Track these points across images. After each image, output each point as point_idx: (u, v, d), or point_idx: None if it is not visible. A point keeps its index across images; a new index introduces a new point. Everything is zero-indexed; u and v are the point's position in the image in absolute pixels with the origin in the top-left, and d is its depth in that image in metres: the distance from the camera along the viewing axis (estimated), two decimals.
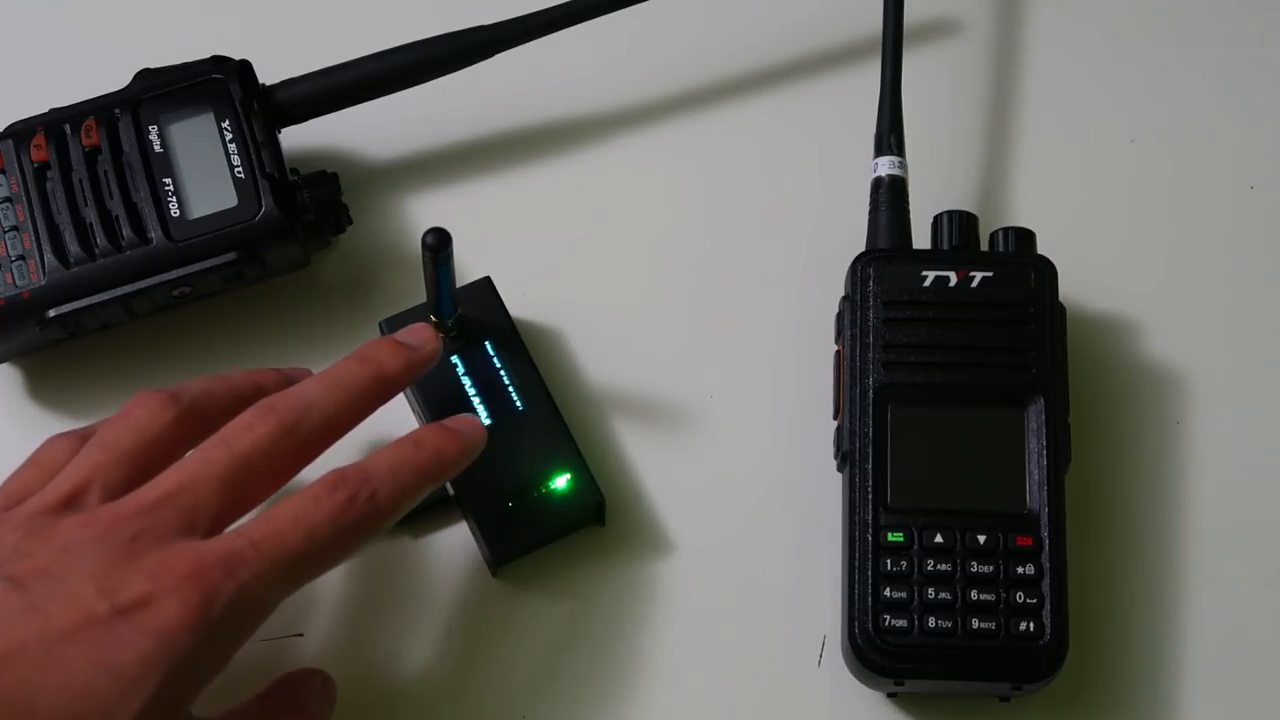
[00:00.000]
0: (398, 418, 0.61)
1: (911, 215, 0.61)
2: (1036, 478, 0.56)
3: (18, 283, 0.58)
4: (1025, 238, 0.60)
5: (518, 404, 0.59)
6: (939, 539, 0.56)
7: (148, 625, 0.45)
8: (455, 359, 0.59)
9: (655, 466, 0.61)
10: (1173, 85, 0.67)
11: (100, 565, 0.46)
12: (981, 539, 0.56)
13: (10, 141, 0.59)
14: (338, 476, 0.50)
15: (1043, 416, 0.57)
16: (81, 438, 0.52)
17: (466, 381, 0.59)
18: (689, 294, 0.64)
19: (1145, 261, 0.64)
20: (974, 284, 0.58)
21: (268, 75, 0.61)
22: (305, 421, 0.51)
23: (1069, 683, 0.56)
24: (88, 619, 0.45)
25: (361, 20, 0.68)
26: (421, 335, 0.55)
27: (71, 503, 0.49)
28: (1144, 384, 0.62)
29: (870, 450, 0.57)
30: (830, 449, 0.59)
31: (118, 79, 0.61)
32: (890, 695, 0.57)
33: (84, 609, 0.45)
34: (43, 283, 0.58)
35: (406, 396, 0.60)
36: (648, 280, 0.64)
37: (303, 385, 0.52)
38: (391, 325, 0.60)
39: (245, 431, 0.50)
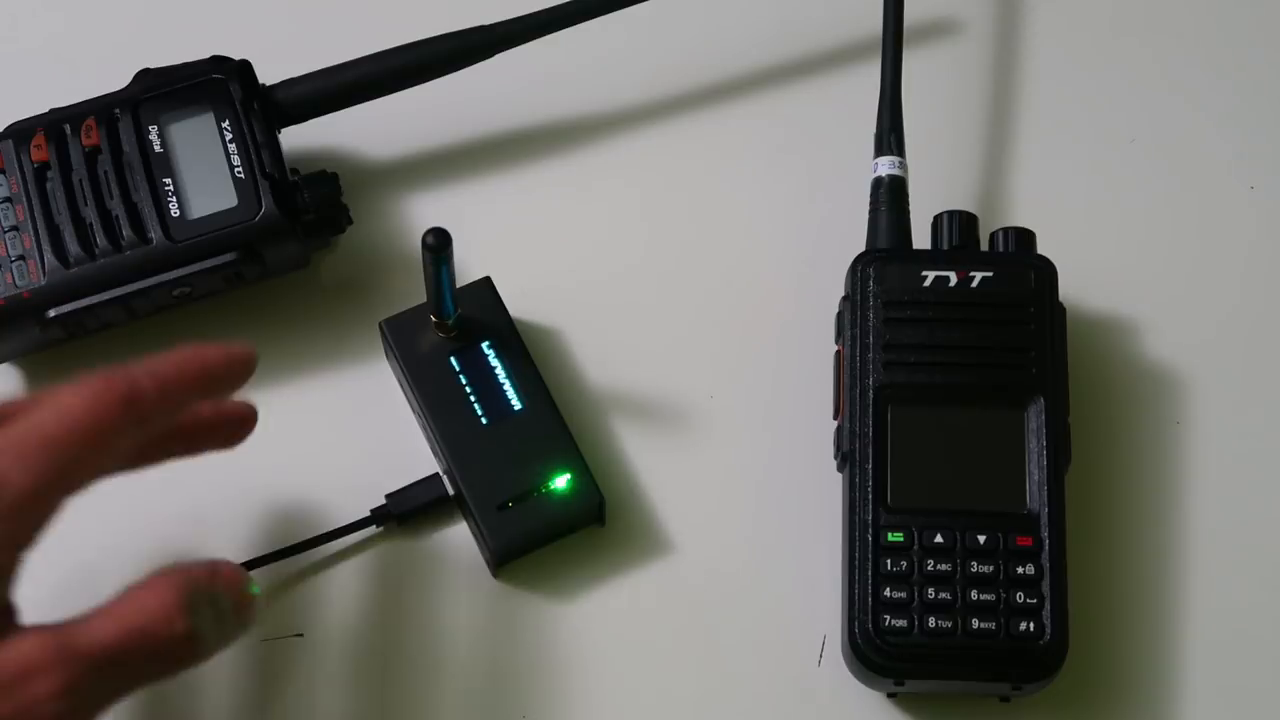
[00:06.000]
0: (396, 418, 0.61)
1: (911, 215, 0.61)
2: (1036, 478, 0.56)
3: (18, 283, 0.58)
4: (1025, 238, 0.60)
5: (518, 404, 0.59)
6: (939, 539, 0.56)
7: None
8: (455, 359, 0.59)
9: (655, 466, 0.61)
10: (1173, 85, 0.67)
11: None
12: (981, 539, 0.56)
13: (10, 141, 0.59)
14: (94, 375, 0.49)
15: (1043, 416, 0.57)
16: None
17: (466, 381, 0.59)
18: (689, 294, 0.63)
19: (1145, 261, 0.64)
20: (974, 284, 0.58)
21: (268, 75, 0.61)
22: None
23: (1069, 683, 0.56)
24: None
25: (361, 20, 0.67)
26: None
27: None
28: (1144, 384, 0.62)
29: (870, 450, 0.57)
30: (830, 449, 0.59)
31: (118, 79, 0.61)
32: (890, 695, 0.57)
33: None
34: (43, 283, 0.58)
35: (406, 397, 0.60)
36: (648, 280, 0.64)
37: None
38: (391, 325, 0.60)
39: None
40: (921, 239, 0.61)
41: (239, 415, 0.55)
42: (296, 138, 0.62)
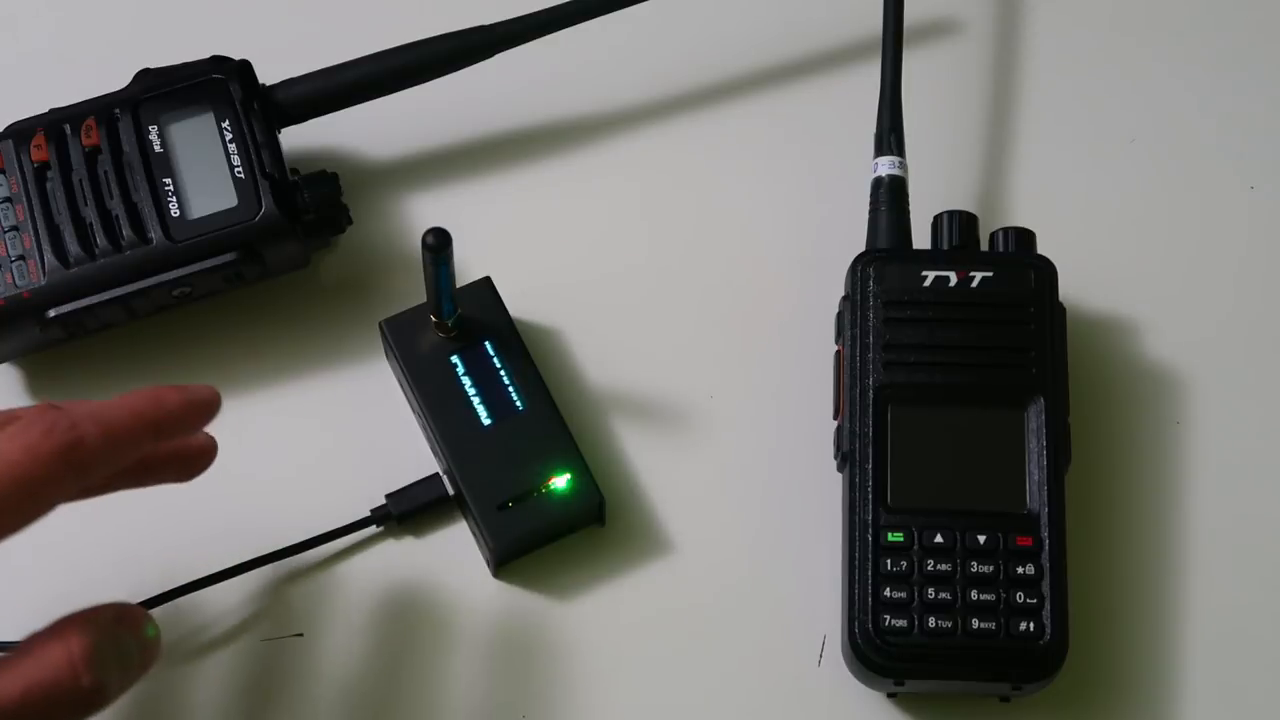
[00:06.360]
0: (396, 418, 0.61)
1: (911, 215, 0.61)
2: (1036, 478, 0.56)
3: (18, 283, 0.58)
4: (1025, 238, 0.60)
5: (518, 404, 0.59)
6: (939, 539, 0.56)
7: None
8: (455, 359, 0.59)
9: (655, 466, 0.61)
10: (1173, 85, 0.67)
11: None
12: (981, 539, 0.56)
13: (10, 141, 0.59)
14: (33, 413, 0.46)
15: (1043, 416, 0.57)
16: None
17: (466, 381, 0.59)
18: (689, 294, 0.63)
19: (1145, 261, 0.64)
20: (974, 284, 0.58)
21: (268, 75, 0.61)
22: None
23: (1069, 683, 0.56)
24: None
25: (361, 20, 0.67)
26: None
27: None
28: (1144, 384, 0.62)
29: (870, 450, 0.57)
30: (830, 449, 0.59)
31: (118, 79, 0.61)
32: (890, 695, 0.57)
33: None
34: (43, 283, 0.58)
35: (406, 397, 0.60)
36: (648, 280, 0.64)
37: None
38: (391, 325, 0.60)
39: None
40: (921, 239, 0.61)
41: (197, 449, 0.52)
42: (296, 138, 0.62)
